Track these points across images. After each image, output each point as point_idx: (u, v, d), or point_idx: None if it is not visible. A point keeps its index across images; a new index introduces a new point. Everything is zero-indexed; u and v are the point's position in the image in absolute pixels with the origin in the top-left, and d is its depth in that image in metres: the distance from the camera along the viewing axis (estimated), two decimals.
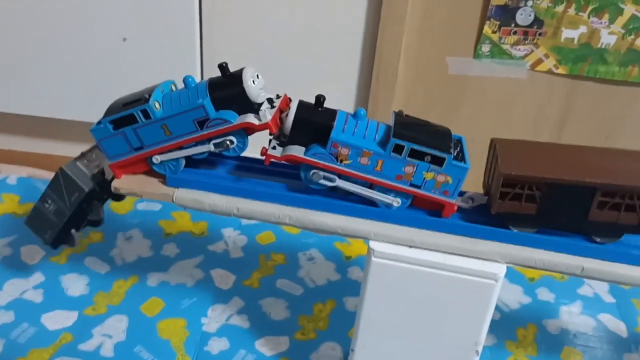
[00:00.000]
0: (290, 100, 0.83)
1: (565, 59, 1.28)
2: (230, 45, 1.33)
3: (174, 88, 0.86)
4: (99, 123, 0.83)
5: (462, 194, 0.86)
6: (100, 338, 1.04)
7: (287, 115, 0.80)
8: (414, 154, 0.78)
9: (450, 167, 0.78)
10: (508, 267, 0.81)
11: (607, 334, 1.15)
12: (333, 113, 0.81)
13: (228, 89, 0.79)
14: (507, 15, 1.25)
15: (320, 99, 0.80)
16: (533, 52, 1.28)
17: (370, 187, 0.82)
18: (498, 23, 1.26)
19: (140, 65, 1.31)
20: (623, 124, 1.35)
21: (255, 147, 0.84)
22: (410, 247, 0.81)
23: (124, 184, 0.87)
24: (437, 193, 0.81)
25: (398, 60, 1.29)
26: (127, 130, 0.82)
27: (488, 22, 1.26)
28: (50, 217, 0.96)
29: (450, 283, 0.81)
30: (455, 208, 0.82)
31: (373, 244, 0.82)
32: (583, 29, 1.25)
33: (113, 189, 0.86)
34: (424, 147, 0.78)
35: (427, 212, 0.83)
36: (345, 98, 1.37)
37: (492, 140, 0.84)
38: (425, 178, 0.80)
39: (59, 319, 1.07)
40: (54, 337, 1.04)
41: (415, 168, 0.79)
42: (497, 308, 1.16)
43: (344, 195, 0.84)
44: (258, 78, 0.80)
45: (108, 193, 0.92)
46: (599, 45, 1.26)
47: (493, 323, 0.85)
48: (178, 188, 0.86)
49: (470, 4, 1.25)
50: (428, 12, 1.27)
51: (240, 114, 0.80)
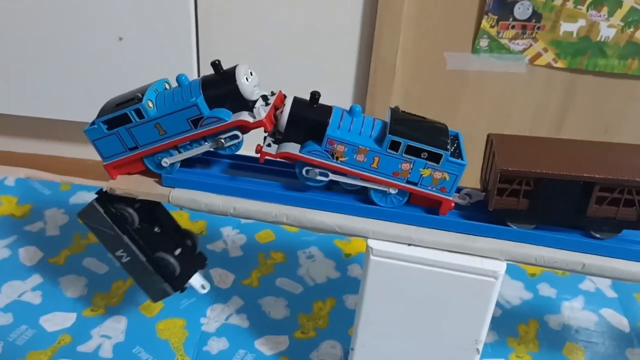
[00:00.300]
0: (285, 97, 0.82)
1: (564, 53, 1.28)
2: (227, 44, 1.33)
3: (168, 87, 0.85)
4: (93, 124, 0.83)
5: (459, 191, 0.86)
6: (99, 339, 1.04)
7: (282, 112, 0.79)
8: (411, 151, 0.77)
9: (447, 163, 0.78)
10: (508, 263, 0.80)
11: (609, 329, 1.14)
12: (328, 109, 0.80)
13: (221, 87, 0.79)
14: (505, 10, 1.24)
15: (315, 96, 0.79)
16: (532, 46, 1.28)
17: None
18: (496, 17, 1.25)
19: (137, 65, 1.30)
20: (623, 117, 1.35)
21: (251, 145, 0.84)
22: (409, 245, 0.81)
23: (120, 185, 0.86)
24: (434, 190, 0.80)
25: (396, 56, 1.29)
26: (121, 130, 0.82)
27: (486, 16, 1.25)
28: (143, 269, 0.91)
29: (450, 281, 0.80)
30: (453, 205, 0.81)
31: (371, 242, 0.81)
32: (582, 22, 1.24)
33: (108, 190, 0.85)
34: (421, 143, 0.77)
35: (424, 209, 0.83)
36: (343, 95, 1.37)
37: (488, 136, 0.83)
38: (422, 175, 0.79)
39: (58, 321, 1.07)
40: (53, 338, 1.03)
41: (412, 165, 0.78)
42: (498, 304, 1.16)
43: (342, 194, 0.84)
44: (252, 75, 0.79)
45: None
46: (598, 39, 1.25)
47: (494, 319, 0.85)
48: (174, 188, 0.85)
49: None
50: (425, 7, 1.26)
51: (235, 112, 0.79)
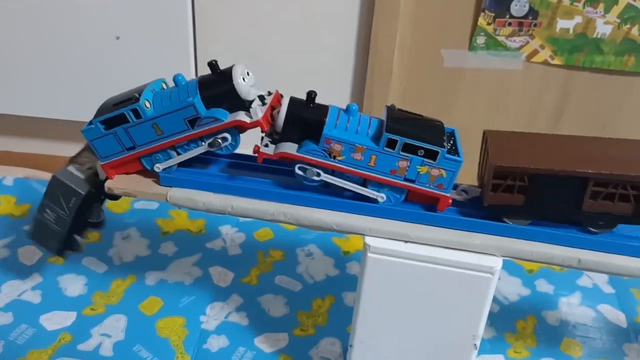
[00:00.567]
0: (282, 97, 0.83)
1: (561, 50, 1.28)
2: (224, 43, 1.33)
3: (165, 86, 0.86)
4: (90, 123, 0.83)
5: (455, 187, 0.86)
6: (99, 338, 1.04)
7: (278, 113, 0.79)
8: (408, 149, 0.78)
9: (444, 160, 0.78)
10: (506, 259, 0.81)
11: (606, 325, 1.14)
12: (325, 109, 0.80)
13: (218, 87, 0.79)
14: (501, 7, 1.24)
15: (312, 95, 0.80)
16: (528, 43, 1.28)
17: (364, 182, 0.82)
18: (493, 14, 1.25)
19: (134, 64, 1.30)
20: (620, 114, 1.35)
21: (249, 144, 0.84)
22: (406, 242, 0.81)
23: (118, 184, 0.86)
24: (431, 187, 0.80)
25: (393, 54, 1.29)
26: (118, 130, 0.82)
27: (483, 13, 1.25)
28: (52, 226, 0.95)
29: (447, 277, 0.81)
30: (450, 201, 0.82)
31: (369, 240, 0.81)
32: (578, 19, 1.24)
33: (107, 190, 0.86)
34: (417, 141, 0.77)
35: (421, 206, 0.83)
36: (340, 93, 1.37)
37: (484, 133, 0.84)
38: (419, 172, 0.79)
39: (58, 320, 1.07)
40: (53, 337, 1.04)
41: (409, 162, 0.79)
42: (496, 300, 1.16)
43: (339, 192, 0.84)
44: (248, 75, 0.79)
45: (104, 194, 0.92)
46: (595, 35, 1.25)
47: (492, 315, 0.85)
48: (172, 187, 0.85)
49: None
50: (422, 4, 1.26)
51: (231, 112, 0.80)
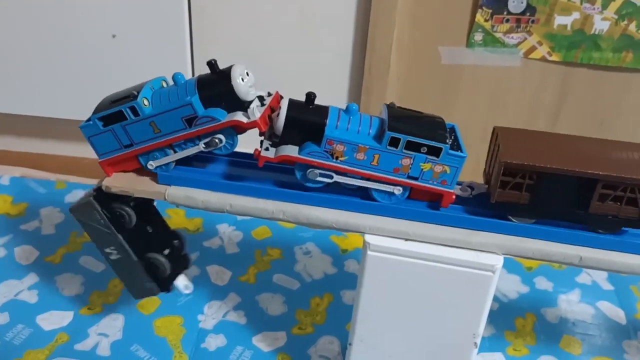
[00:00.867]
0: (282, 98, 0.82)
1: (559, 46, 1.28)
2: (221, 41, 1.32)
3: (165, 85, 0.85)
4: (89, 120, 0.83)
5: (460, 183, 0.86)
6: (97, 337, 1.04)
7: (277, 115, 0.78)
8: (410, 146, 0.77)
9: (447, 156, 0.78)
10: (505, 257, 0.80)
11: (606, 322, 1.14)
12: (325, 110, 0.80)
13: (217, 87, 0.78)
14: (499, 3, 1.24)
15: (311, 97, 0.79)
16: (526, 39, 1.28)
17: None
18: (490, 11, 1.25)
19: (131, 62, 1.30)
20: (618, 110, 1.35)
21: (248, 143, 0.83)
22: (406, 240, 0.81)
23: (116, 182, 0.85)
24: (435, 183, 0.80)
25: (390, 52, 1.29)
26: (116, 128, 0.81)
27: (480, 10, 1.25)
28: (116, 257, 0.90)
29: (447, 275, 0.80)
30: (454, 197, 0.81)
31: (369, 238, 0.81)
32: (576, 15, 1.24)
33: (104, 188, 0.85)
34: (420, 138, 0.77)
35: (424, 203, 0.83)
36: (339, 91, 1.37)
37: (494, 129, 0.83)
38: (423, 169, 0.79)
39: (55, 319, 1.06)
40: (50, 337, 1.03)
41: (412, 160, 0.78)
42: (495, 298, 1.16)
43: (339, 190, 0.83)
44: (248, 75, 0.79)
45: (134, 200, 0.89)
46: (593, 32, 1.25)
47: (491, 313, 0.85)
48: (170, 185, 0.85)
49: None
50: (419, 1, 1.26)
51: (230, 112, 0.79)
